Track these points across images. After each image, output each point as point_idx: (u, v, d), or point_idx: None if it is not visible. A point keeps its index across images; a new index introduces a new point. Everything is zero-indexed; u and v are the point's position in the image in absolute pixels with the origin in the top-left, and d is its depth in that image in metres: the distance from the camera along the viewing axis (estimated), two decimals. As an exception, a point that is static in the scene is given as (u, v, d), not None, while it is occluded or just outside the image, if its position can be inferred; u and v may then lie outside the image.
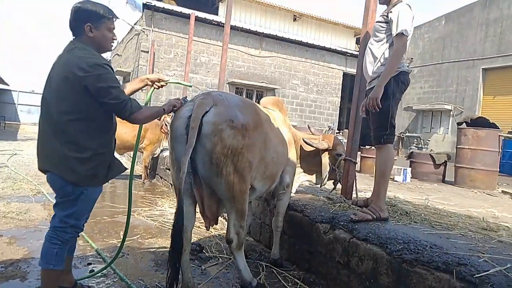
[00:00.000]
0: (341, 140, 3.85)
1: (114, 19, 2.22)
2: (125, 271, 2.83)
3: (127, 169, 2.46)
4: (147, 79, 2.56)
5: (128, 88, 2.44)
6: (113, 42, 2.28)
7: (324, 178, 3.50)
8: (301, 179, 3.62)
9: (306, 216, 3.15)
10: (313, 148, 3.38)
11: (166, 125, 6.54)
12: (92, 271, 2.82)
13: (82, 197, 2.16)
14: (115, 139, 2.38)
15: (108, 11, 2.18)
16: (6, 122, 21.43)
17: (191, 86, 2.43)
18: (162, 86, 2.60)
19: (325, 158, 3.45)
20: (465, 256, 2.04)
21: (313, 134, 3.65)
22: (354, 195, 3.46)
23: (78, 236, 2.33)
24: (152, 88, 2.60)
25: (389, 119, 2.80)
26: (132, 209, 4.65)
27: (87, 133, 2.09)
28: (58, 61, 2.13)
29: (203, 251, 3.34)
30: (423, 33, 16.82)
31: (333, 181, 3.68)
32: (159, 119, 6.92)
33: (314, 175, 3.63)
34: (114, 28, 2.23)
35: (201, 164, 2.28)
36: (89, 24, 2.10)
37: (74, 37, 2.16)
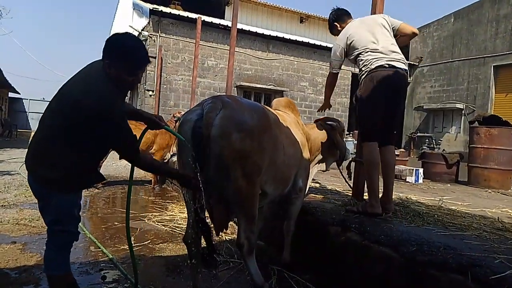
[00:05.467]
0: (352, 142, 3.88)
1: (138, 68, 2.05)
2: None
3: (105, 179, 2.42)
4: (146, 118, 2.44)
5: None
6: (135, 85, 2.14)
7: (343, 158, 3.61)
8: (314, 172, 3.62)
9: (317, 218, 3.12)
10: (326, 133, 3.47)
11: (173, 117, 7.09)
12: (104, 277, 2.83)
13: (55, 203, 2.07)
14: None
15: (135, 59, 2.02)
16: (18, 130, 21.75)
17: (183, 140, 2.31)
18: (156, 129, 2.49)
19: (337, 136, 3.53)
20: (480, 257, 2.00)
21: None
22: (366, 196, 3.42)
23: (76, 240, 2.23)
24: (146, 128, 2.45)
25: (361, 119, 3.02)
26: (142, 214, 4.70)
27: (74, 149, 2.04)
28: (80, 76, 2.08)
29: (214, 255, 3.32)
30: (432, 31, 16.65)
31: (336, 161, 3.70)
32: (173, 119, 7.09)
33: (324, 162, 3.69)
34: (137, 75, 2.07)
35: (209, 169, 2.27)
36: (108, 61, 1.98)
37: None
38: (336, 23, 3.38)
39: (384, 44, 2.98)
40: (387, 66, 2.88)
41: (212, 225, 2.42)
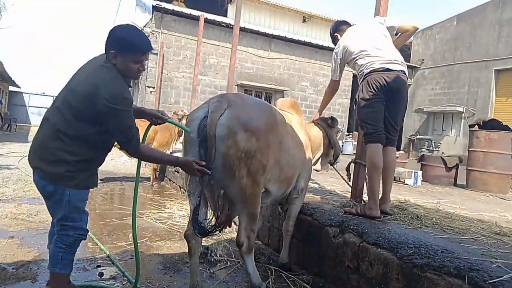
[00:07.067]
0: (351, 143, 3.90)
1: (143, 53, 2.14)
2: (134, 274, 2.83)
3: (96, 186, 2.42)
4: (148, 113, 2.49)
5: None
6: (140, 73, 2.21)
7: (337, 158, 3.66)
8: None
9: (316, 219, 3.12)
10: (323, 133, 3.50)
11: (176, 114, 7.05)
12: (101, 273, 2.83)
13: (65, 198, 2.10)
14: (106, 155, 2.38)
15: (139, 44, 2.13)
16: (17, 124, 21.73)
17: (188, 131, 2.33)
18: (160, 123, 2.52)
19: (334, 135, 3.57)
20: (477, 261, 2.00)
21: None
22: (365, 198, 3.41)
23: (84, 239, 2.28)
24: (150, 124, 2.50)
25: (362, 122, 3.03)
26: (140, 211, 4.70)
27: (81, 145, 2.09)
28: (85, 69, 2.15)
29: (211, 254, 3.32)
30: (434, 34, 16.64)
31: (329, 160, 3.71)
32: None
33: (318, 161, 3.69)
34: (142, 61, 2.16)
35: (214, 167, 2.27)
36: (113, 51, 2.08)
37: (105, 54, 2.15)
38: (336, 34, 3.51)
39: (378, 47, 3.00)
40: (381, 69, 2.91)
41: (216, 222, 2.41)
